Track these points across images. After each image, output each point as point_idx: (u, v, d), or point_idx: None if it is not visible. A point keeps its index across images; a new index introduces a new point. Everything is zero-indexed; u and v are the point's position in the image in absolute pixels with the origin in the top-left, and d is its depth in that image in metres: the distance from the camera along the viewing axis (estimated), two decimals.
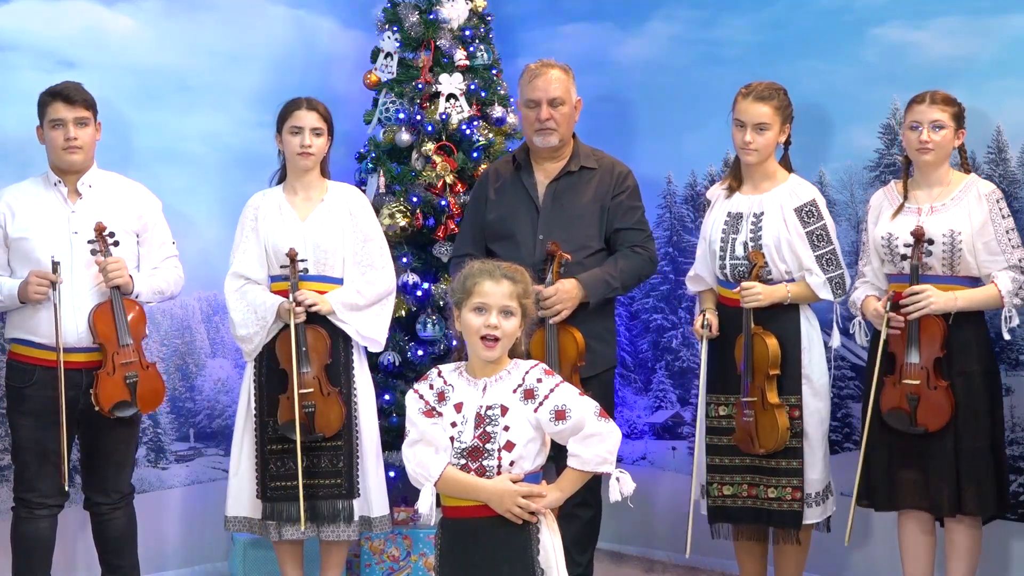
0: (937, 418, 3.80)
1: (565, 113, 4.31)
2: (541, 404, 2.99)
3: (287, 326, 4.16)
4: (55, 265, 3.93)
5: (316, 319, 4.19)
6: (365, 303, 4.28)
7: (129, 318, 4.02)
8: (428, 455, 3.00)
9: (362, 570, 4.72)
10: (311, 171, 4.31)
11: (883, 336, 3.83)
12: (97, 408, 3.96)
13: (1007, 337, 3.87)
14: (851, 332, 4.14)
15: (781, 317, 4.05)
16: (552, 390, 3.00)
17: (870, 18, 4.52)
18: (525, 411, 2.99)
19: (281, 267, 4.20)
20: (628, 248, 4.34)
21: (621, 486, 3.01)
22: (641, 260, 4.35)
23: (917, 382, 3.82)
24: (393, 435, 4.59)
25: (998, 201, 3.85)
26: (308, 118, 4.24)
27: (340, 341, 4.25)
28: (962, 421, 3.82)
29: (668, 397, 5.19)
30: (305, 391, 4.11)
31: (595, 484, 4.21)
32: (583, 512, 4.26)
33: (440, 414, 3.04)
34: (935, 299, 3.79)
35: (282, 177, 4.39)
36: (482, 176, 4.59)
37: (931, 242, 3.83)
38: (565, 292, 4.14)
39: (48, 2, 4.60)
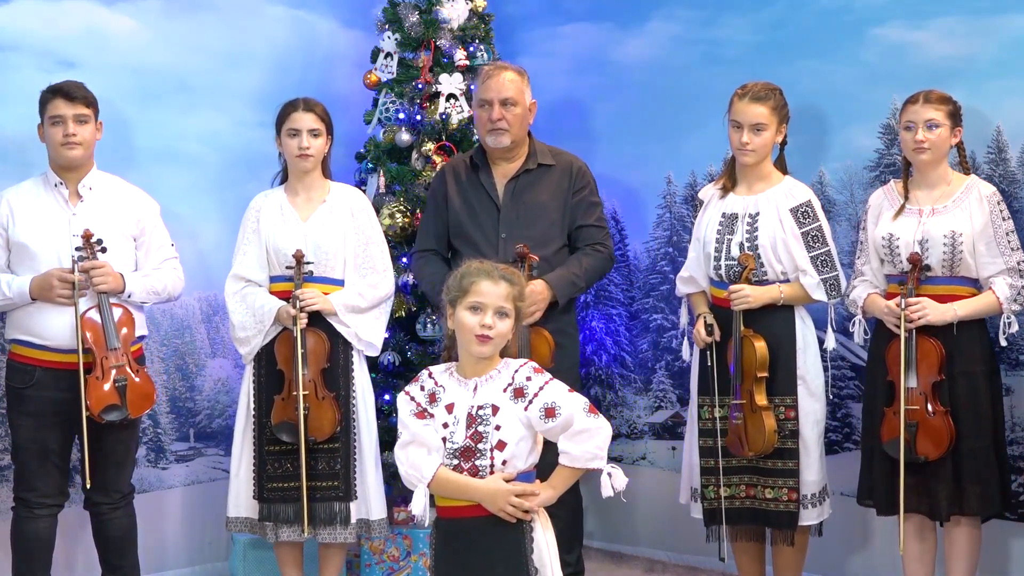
0: (937, 446, 3.79)
1: (518, 114, 4.34)
2: (531, 402, 2.99)
3: (286, 328, 4.16)
4: (73, 264, 3.93)
5: (317, 323, 4.19)
6: (366, 306, 4.28)
7: (117, 322, 4.01)
8: (420, 456, 3.00)
9: (362, 570, 4.73)
10: (312, 172, 4.31)
11: (903, 334, 3.82)
12: (88, 413, 3.95)
13: (1003, 344, 3.87)
14: (850, 331, 4.14)
15: (776, 318, 4.05)
16: (542, 388, 3.00)
17: (870, 18, 4.52)
18: (516, 410, 2.99)
19: (287, 268, 4.20)
20: (589, 246, 4.39)
21: (613, 481, 3.01)
22: (602, 259, 4.42)
23: (916, 408, 3.81)
24: (393, 435, 4.57)
25: (999, 203, 3.85)
26: (305, 119, 4.23)
27: (340, 343, 4.24)
28: (965, 421, 3.81)
29: (668, 397, 5.19)
30: (300, 393, 4.11)
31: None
32: (562, 512, 4.25)
33: (431, 415, 3.04)
34: (930, 311, 3.80)
35: (284, 178, 4.39)
36: (438, 173, 4.61)
37: (928, 268, 3.85)
38: (537, 294, 4.17)
39: (48, 2, 4.60)
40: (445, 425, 3.02)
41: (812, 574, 4.41)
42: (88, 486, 4.01)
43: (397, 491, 4.64)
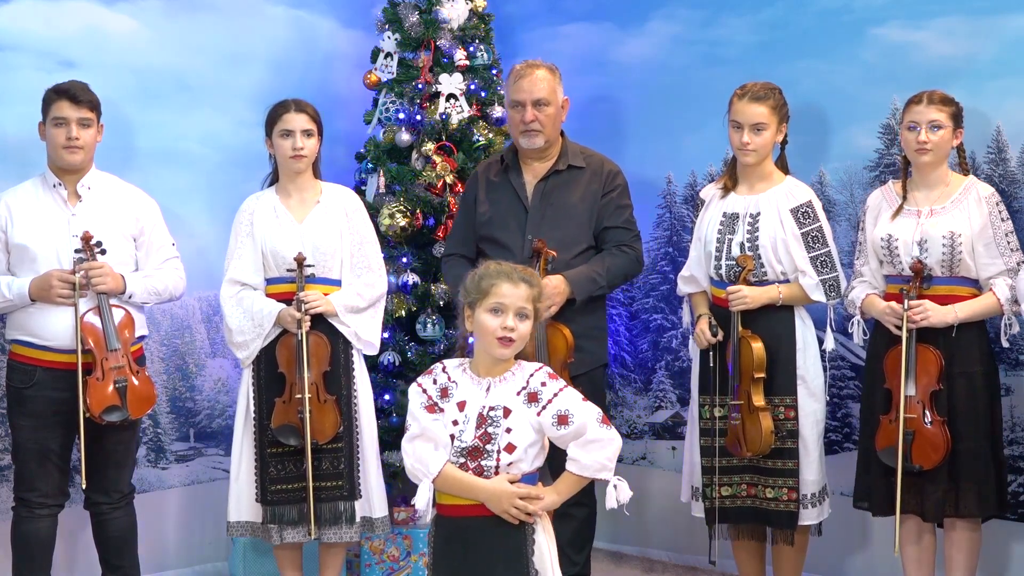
0: (932, 455, 3.79)
1: (550, 114, 4.31)
2: (544, 408, 2.98)
3: (285, 331, 4.16)
4: (73, 264, 3.94)
5: (316, 324, 4.18)
6: (365, 305, 4.28)
7: (117, 323, 4.01)
8: (428, 451, 3.00)
9: (362, 570, 4.73)
10: (304, 173, 4.30)
11: (904, 335, 3.82)
12: (88, 415, 3.95)
13: (1005, 345, 3.88)
14: (849, 332, 4.14)
15: (775, 318, 4.05)
16: (556, 394, 3.00)
17: (870, 18, 4.52)
18: (528, 414, 2.99)
19: (288, 270, 4.19)
20: (615, 247, 4.35)
21: (618, 494, 3.01)
22: (628, 260, 4.36)
23: (913, 416, 3.81)
24: (393, 435, 4.59)
25: (997, 204, 3.86)
26: (298, 120, 4.21)
27: (340, 343, 4.24)
28: (963, 421, 3.82)
29: (668, 397, 5.19)
30: (301, 396, 4.10)
31: (589, 483, 4.22)
32: (578, 511, 4.26)
33: (442, 410, 3.04)
34: (932, 313, 3.80)
35: (274, 179, 4.37)
36: (471, 176, 4.60)
37: (929, 278, 3.85)
38: (553, 288, 4.15)
39: (48, 2, 4.60)
40: (455, 422, 3.02)
41: (812, 574, 4.40)
42: (84, 487, 4.00)
43: (397, 491, 4.65)
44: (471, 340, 3.14)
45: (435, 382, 3.09)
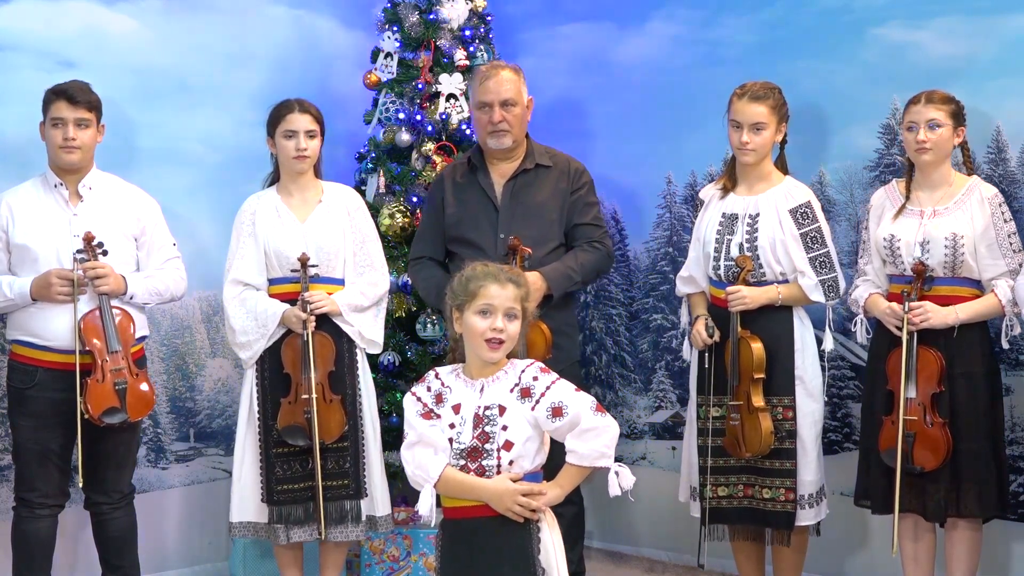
0: (934, 457, 3.80)
1: (517, 114, 4.34)
2: (538, 402, 2.99)
3: (290, 331, 4.16)
4: (73, 262, 3.94)
5: (321, 324, 4.18)
6: (368, 304, 4.29)
7: (117, 324, 4.01)
8: (427, 456, 3.01)
9: (362, 570, 4.73)
10: (306, 173, 4.30)
11: (904, 336, 3.82)
12: (87, 416, 3.94)
13: (1006, 346, 3.88)
14: (852, 331, 4.14)
15: (774, 318, 4.05)
16: (548, 387, 3.01)
17: (870, 18, 4.52)
18: (523, 410, 2.99)
19: (292, 271, 4.19)
20: (586, 243, 4.38)
21: (620, 480, 3.01)
22: (599, 255, 4.39)
23: (914, 418, 3.82)
24: (393, 435, 4.59)
25: (1000, 205, 3.85)
26: (302, 121, 4.21)
27: (344, 343, 4.24)
28: (964, 422, 3.82)
29: (668, 397, 5.19)
30: (308, 396, 4.10)
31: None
32: (567, 510, 4.25)
33: (438, 416, 3.04)
34: (932, 315, 3.80)
35: (275, 179, 4.37)
36: (436, 179, 4.61)
37: (931, 279, 3.85)
38: (531, 285, 4.15)
39: (48, 2, 4.60)
40: (452, 426, 3.02)
41: (812, 574, 4.40)
42: (81, 485, 4.00)
43: (397, 491, 4.65)
44: None
45: (429, 389, 3.10)
